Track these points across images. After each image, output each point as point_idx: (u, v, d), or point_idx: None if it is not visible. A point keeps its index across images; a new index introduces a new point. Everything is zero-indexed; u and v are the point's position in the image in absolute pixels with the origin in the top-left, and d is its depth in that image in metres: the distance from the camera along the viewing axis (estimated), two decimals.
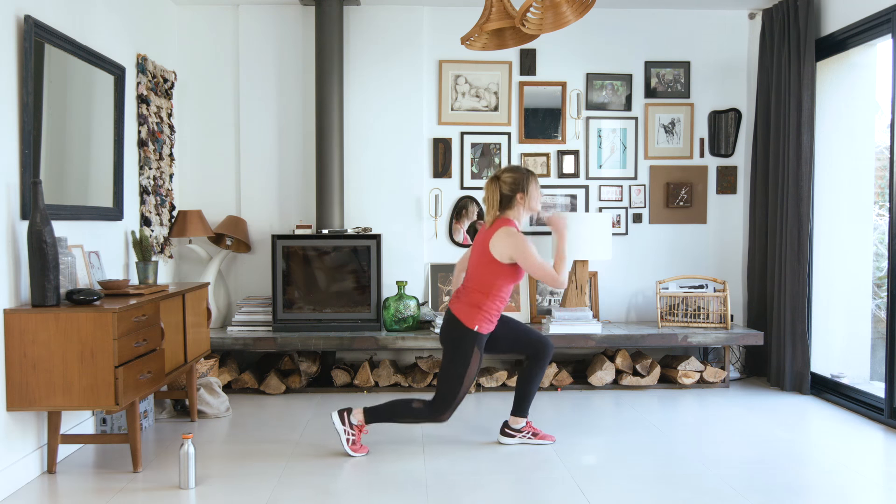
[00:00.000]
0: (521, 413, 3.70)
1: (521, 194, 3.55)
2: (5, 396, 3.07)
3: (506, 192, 3.56)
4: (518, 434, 3.71)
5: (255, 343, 4.64)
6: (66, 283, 3.28)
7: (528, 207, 3.58)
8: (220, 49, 5.15)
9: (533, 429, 3.73)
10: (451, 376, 3.48)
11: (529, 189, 3.56)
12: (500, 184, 3.57)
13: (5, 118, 3.08)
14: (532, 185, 3.58)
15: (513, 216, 3.58)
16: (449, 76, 5.22)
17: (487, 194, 3.61)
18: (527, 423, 3.73)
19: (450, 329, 3.53)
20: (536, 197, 3.60)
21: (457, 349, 3.49)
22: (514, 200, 3.56)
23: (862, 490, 3.11)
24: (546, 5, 3.14)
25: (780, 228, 4.82)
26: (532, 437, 3.71)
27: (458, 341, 3.49)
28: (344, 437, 3.53)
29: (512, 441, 3.71)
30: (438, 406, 3.50)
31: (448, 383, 3.48)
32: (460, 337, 3.49)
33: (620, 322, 5.27)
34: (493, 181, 3.59)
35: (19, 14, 3.16)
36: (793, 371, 4.75)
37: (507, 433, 3.72)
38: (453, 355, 3.50)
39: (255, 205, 5.16)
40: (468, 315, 3.49)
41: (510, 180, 3.56)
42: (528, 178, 3.57)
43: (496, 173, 3.62)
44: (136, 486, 3.14)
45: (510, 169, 3.60)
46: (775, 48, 4.90)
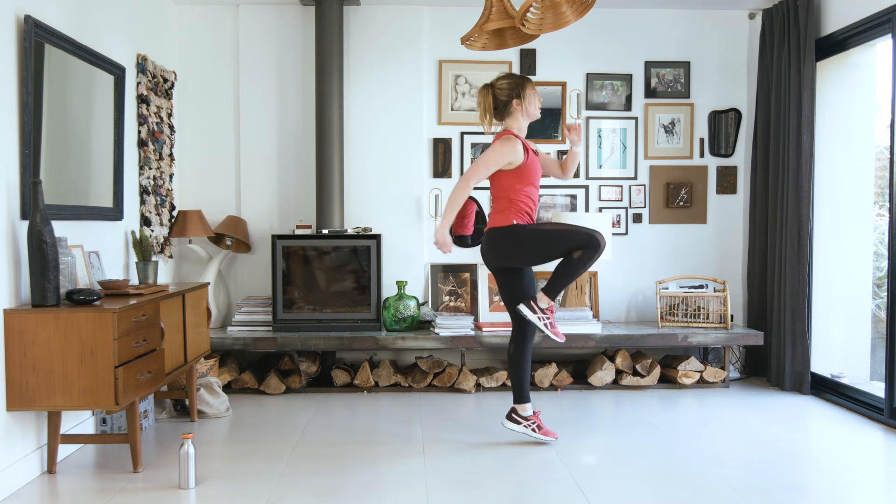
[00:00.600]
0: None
1: (518, 100, 3.51)
2: (5, 396, 3.07)
3: (501, 99, 3.52)
4: (524, 422, 3.66)
5: (255, 343, 4.64)
6: (66, 283, 3.28)
7: (525, 113, 3.55)
8: (220, 49, 5.15)
9: (538, 420, 3.69)
10: (564, 240, 3.40)
11: (525, 93, 3.52)
12: (495, 90, 3.53)
13: (5, 118, 3.08)
14: (528, 89, 3.53)
15: (512, 125, 3.54)
16: (449, 76, 5.22)
17: (480, 100, 3.56)
18: (534, 412, 3.70)
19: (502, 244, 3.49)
20: (534, 102, 3.56)
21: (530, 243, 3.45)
22: (511, 107, 3.52)
23: (862, 490, 3.11)
24: (546, 5, 3.14)
25: (780, 228, 4.82)
26: (536, 430, 3.67)
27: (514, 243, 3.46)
28: (540, 323, 3.54)
29: (516, 428, 3.67)
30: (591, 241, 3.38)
31: (574, 240, 3.39)
32: (516, 238, 3.46)
33: (620, 322, 5.27)
34: (487, 88, 3.55)
35: (19, 14, 3.16)
36: (793, 371, 4.75)
37: (513, 419, 3.68)
38: (535, 248, 3.46)
39: (255, 205, 5.16)
40: (502, 219, 3.50)
41: (505, 86, 3.52)
42: (523, 83, 3.53)
43: (491, 81, 3.58)
44: (136, 486, 3.14)
45: (505, 75, 3.56)
46: (775, 48, 4.90)
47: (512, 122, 3.56)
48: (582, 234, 3.43)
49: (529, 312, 3.56)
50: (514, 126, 3.55)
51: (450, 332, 4.72)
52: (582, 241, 3.43)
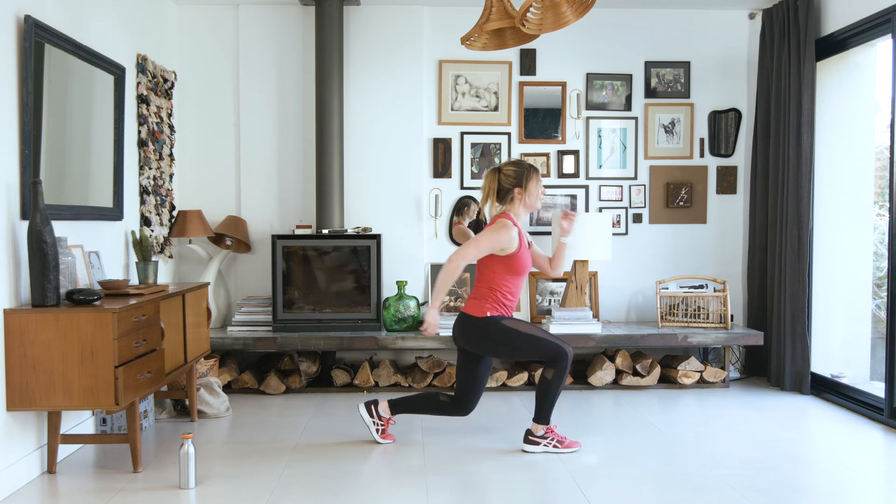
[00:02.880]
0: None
1: (519, 189, 3.52)
2: (5, 396, 3.07)
3: (505, 185, 3.54)
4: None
5: (255, 343, 4.64)
6: (66, 283, 3.28)
7: (525, 204, 3.55)
8: (220, 49, 5.15)
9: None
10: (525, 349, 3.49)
11: (529, 185, 3.53)
12: (501, 175, 3.55)
13: (5, 118, 3.08)
14: (533, 181, 3.53)
15: (511, 211, 3.55)
16: (449, 76, 5.22)
17: (485, 183, 3.58)
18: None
19: (469, 331, 3.52)
20: (536, 194, 3.56)
21: (496, 342, 3.49)
22: (512, 194, 3.53)
23: (862, 490, 3.11)
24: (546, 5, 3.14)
25: (780, 228, 4.82)
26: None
27: (489, 334, 3.49)
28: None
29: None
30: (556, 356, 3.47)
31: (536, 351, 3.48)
32: (482, 329, 3.49)
33: (620, 322, 5.27)
34: (494, 172, 3.57)
35: (19, 14, 3.16)
36: (793, 371, 4.75)
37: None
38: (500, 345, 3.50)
39: (255, 205, 5.16)
40: (476, 307, 3.51)
41: (511, 173, 3.53)
42: (529, 174, 3.53)
43: (499, 165, 3.60)
44: (136, 486, 3.14)
45: (513, 162, 3.58)
46: (775, 48, 4.90)
47: (511, 208, 3.57)
48: (548, 346, 3.48)
49: (535, 447, 3.58)
50: (513, 212, 3.56)
51: (450, 332, 4.72)
52: (546, 354, 3.49)
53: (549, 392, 3.53)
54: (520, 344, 3.49)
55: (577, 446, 3.60)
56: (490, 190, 3.57)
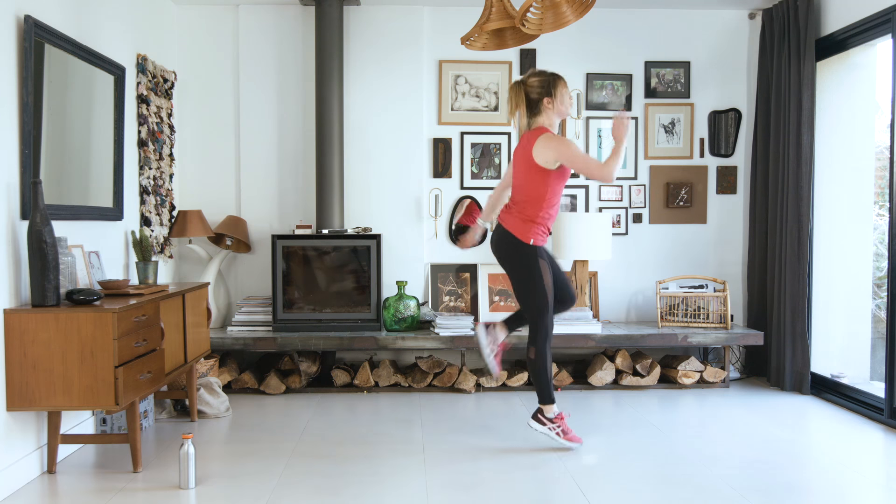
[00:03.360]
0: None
1: (549, 98, 3.48)
2: (5, 396, 3.07)
3: (533, 97, 3.49)
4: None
5: (255, 343, 4.64)
6: (66, 283, 3.28)
7: (557, 111, 3.52)
8: (220, 49, 5.15)
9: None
10: (529, 290, 3.51)
11: (557, 91, 3.48)
12: (527, 88, 3.50)
13: (5, 118, 3.08)
14: (560, 87, 3.49)
15: (544, 122, 3.51)
16: (449, 76, 5.22)
17: (510, 97, 3.53)
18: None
19: (507, 248, 3.52)
20: (566, 100, 3.52)
21: (522, 266, 3.51)
22: (542, 105, 3.49)
23: (862, 490, 3.11)
24: (546, 5, 3.14)
25: (780, 228, 4.82)
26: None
27: (521, 259, 3.50)
28: (552, 433, 3.58)
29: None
30: (537, 321, 3.52)
31: (532, 298, 3.51)
32: (522, 255, 3.50)
33: (620, 322, 5.27)
34: (519, 85, 3.52)
35: (19, 14, 3.16)
36: (793, 371, 4.75)
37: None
38: (522, 273, 3.52)
39: (255, 205, 5.16)
40: (523, 230, 3.49)
41: (536, 83, 3.49)
42: (555, 81, 3.49)
43: (521, 78, 3.55)
44: (136, 486, 3.14)
45: (536, 73, 3.53)
46: (775, 48, 4.90)
47: (544, 120, 3.51)
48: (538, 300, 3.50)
49: (540, 426, 3.59)
50: (547, 123, 3.51)
51: (450, 332, 4.72)
52: (531, 306, 3.52)
53: (539, 370, 3.55)
54: (530, 283, 3.50)
55: (578, 442, 3.61)
56: (518, 102, 3.50)
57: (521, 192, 3.54)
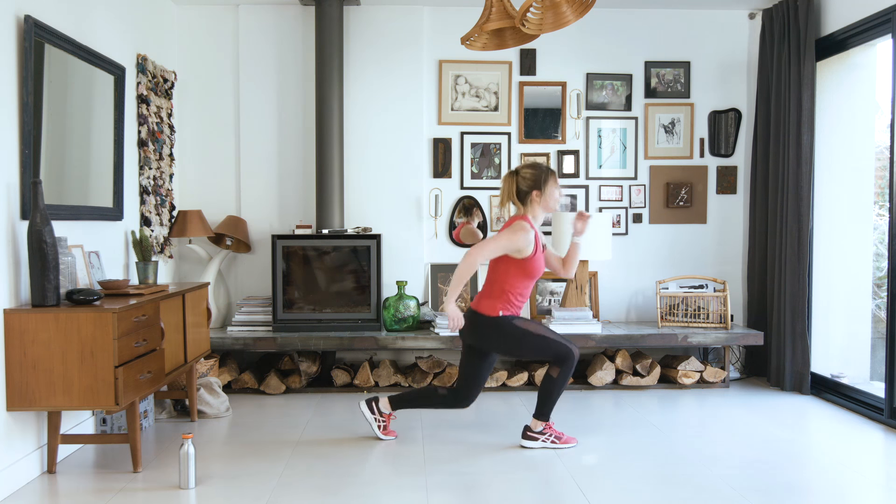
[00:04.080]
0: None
1: (537, 192, 3.54)
2: (5, 396, 3.07)
3: (522, 188, 3.55)
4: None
5: (255, 343, 4.64)
6: (66, 283, 3.28)
7: (543, 206, 3.57)
8: (220, 49, 5.15)
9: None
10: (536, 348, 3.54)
11: (546, 188, 3.54)
12: (518, 178, 3.56)
13: (5, 118, 3.08)
14: (550, 184, 3.55)
15: (529, 213, 3.57)
16: (449, 76, 5.22)
17: (503, 187, 3.62)
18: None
19: (478, 328, 3.55)
20: (554, 197, 3.58)
21: (505, 339, 3.54)
22: (531, 197, 3.54)
23: (862, 490, 3.11)
24: (546, 5, 3.14)
25: (780, 228, 4.82)
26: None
27: (492, 333, 3.54)
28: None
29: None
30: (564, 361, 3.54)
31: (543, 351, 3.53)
32: (494, 328, 3.53)
33: (620, 322, 5.27)
34: (512, 175, 3.59)
35: (19, 14, 3.16)
36: (793, 371, 4.75)
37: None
38: (509, 344, 3.56)
39: (255, 205, 5.16)
40: (488, 306, 3.53)
41: (528, 176, 3.55)
42: (546, 176, 3.55)
43: (517, 168, 3.62)
44: (136, 486, 3.14)
45: (531, 165, 3.60)
46: (775, 48, 4.90)
47: (529, 211, 3.58)
48: (556, 347, 3.54)
49: (533, 443, 3.63)
50: (531, 214, 3.58)
51: (450, 332, 4.72)
52: (554, 354, 3.54)
53: (552, 390, 3.58)
54: (529, 344, 3.55)
55: (574, 442, 3.64)
56: (509, 193, 3.59)
57: (487, 276, 3.63)
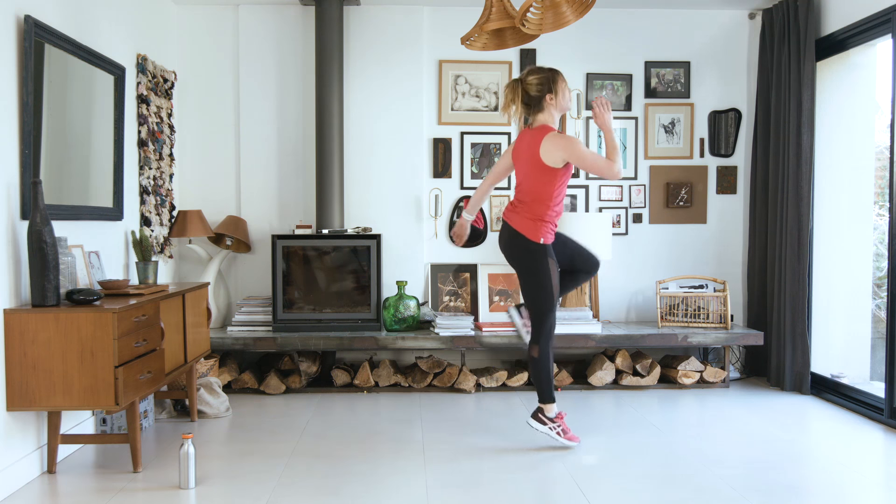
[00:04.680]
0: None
1: (550, 95, 3.48)
2: (5, 396, 3.07)
3: (533, 94, 3.47)
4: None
5: (255, 343, 4.64)
6: (66, 283, 3.28)
7: (558, 107, 3.51)
8: (220, 49, 5.15)
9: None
10: (537, 290, 3.52)
11: (558, 87, 3.48)
12: (525, 85, 3.48)
13: (5, 118, 3.08)
14: (560, 83, 3.49)
15: (547, 120, 3.50)
16: (449, 76, 5.22)
17: (507, 93, 3.51)
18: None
19: (516, 247, 3.52)
20: (566, 94, 3.52)
21: (531, 266, 3.51)
22: (544, 102, 3.47)
23: (862, 490, 3.11)
24: (546, 5, 3.14)
25: (780, 228, 4.82)
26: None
27: (531, 259, 3.51)
28: (552, 433, 3.60)
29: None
30: (542, 320, 3.54)
31: (539, 297, 3.52)
32: (531, 254, 3.50)
33: (620, 322, 5.27)
34: (516, 83, 3.50)
35: (19, 14, 3.16)
36: (793, 371, 4.75)
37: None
38: (531, 273, 3.52)
39: (255, 205, 5.16)
40: (532, 229, 3.49)
41: (536, 81, 3.47)
42: (555, 77, 3.49)
43: (519, 76, 3.53)
44: (136, 486, 3.14)
45: (534, 70, 3.51)
46: (775, 48, 4.90)
47: (546, 118, 3.50)
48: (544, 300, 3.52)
49: (540, 426, 3.60)
50: (549, 121, 3.50)
51: (450, 332, 4.72)
52: (537, 305, 3.53)
53: (541, 369, 3.57)
54: (538, 282, 3.51)
55: (576, 441, 3.63)
56: (514, 99, 3.48)
57: (528, 191, 3.52)
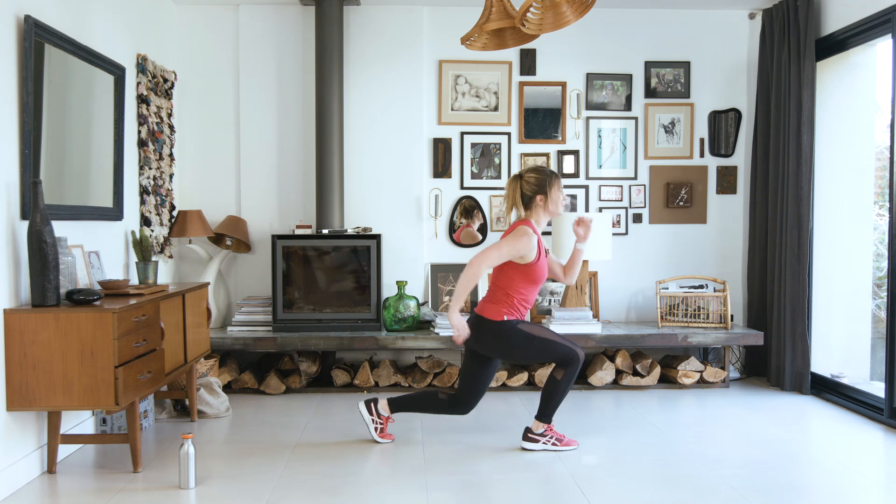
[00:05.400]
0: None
1: (542, 196, 3.53)
2: (5, 396, 3.07)
3: (526, 192, 3.55)
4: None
5: (255, 343, 4.64)
6: (66, 283, 3.28)
7: (548, 210, 3.57)
8: (220, 49, 5.15)
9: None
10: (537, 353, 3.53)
11: (551, 192, 3.54)
12: (523, 183, 3.55)
13: (5, 118, 3.08)
14: (554, 188, 3.55)
15: (532, 217, 3.56)
16: (449, 76, 5.22)
17: (508, 192, 3.60)
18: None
19: (485, 335, 3.53)
20: (558, 201, 3.57)
21: (512, 344, 3.52)
22: (534, 202, 3.54)
23: (862, 490, 3.11)
24: (546, 5, 3.14)
25: (780, 228, 4.82)
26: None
27: (503, 338, 3.51)
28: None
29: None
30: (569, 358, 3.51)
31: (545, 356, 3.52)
32: (500, 334, 3.51)
33: (620, 322, 5.27)
34: (516, 179, 3.58)
35: (19, 14, 3.16)
36: (793, 371, 4.75)
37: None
38: (515, 349, 3.54)
39: (255, 205, 5.16)
40: (493, 311, 3.52)
41: (532, 180, 3.54)
42: (551, 181, 3.54)
43: (520, 171, 3.61)
44: (136, 486, 3.14)
45: (535, 168, 3.59)
46: (775, 48, 4.90)
47: (532, 216, 3.57)
48: (561, 349, 3.52)
49: (534, 445, 3.60)
50: (534, 219, 3.57)
51: (450, 332, 4.72)
52: (560, 357, 3.52)
53: (556, 392, 3.56)
54: (534, 348, 3.53)
55: (574, 444, 3.63)
56: (514, 198, 3.58)
57: (492, 281, 3.61)
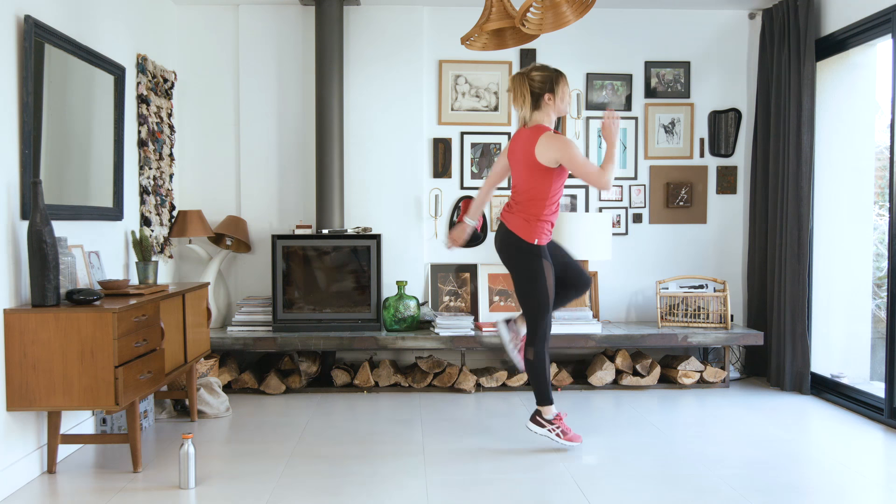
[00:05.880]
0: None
1: (550, 94, 3.46)
2: (5, 396, 3.07)
3: (535, 91, 3.46)
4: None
5: (255, 343, 4.64)
6: (66, 283, 3.28)
7: (556, 109, 3.49)
8: (220, 49, 5.15)
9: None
10: (531, 291, 3.49)
11: (559, 89, 3.46)
12: (529, 81, 3.46)
13: (5, 118, 3.08)
14: (562, 85, 3.47)
15: (543, 120, 3.48)
16: (449, 76, 5.22)
17: (517, 91, 3.48)
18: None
19: (510, 247, 3.50)
20: (566, 98, 3.50)
21: (525, 267, 3.49)
22: (542, 101, 3.46)
23: (862, 490, 3.11)
24: (546, 5, 3.14)
25: (780, 228, 4.82)
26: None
27: (524, 259, 3.49)
28: (552, 434, 3.57)
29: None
30: (537, 322, 3.50)
31: (533, 299, 3.50)
32: (526, 256, 3.48)
33: (620, 322, 5.27)
34: (522, 77, 3.47)
35: (19, 14, 3.16)
36: (793, 371, 4.75)
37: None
38: (524, 273, 3.50)
39: (255, 205, 5.16)
40: (527, 230, 3.47)
41: (539, 78, 3.45)
42: (557, 78, 3.46)
43: (524, 70, 3.51)
44: (136, 486, 3.14)
45: (538, 67, 3.49)
46: (775, 48, 4.90)
47: (542, 117, 3.48)
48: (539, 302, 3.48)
49: (539, 428, 3.59)
50: (545, 121, 3.48)
51: (450, 332, 4.72)
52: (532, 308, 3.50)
53: (538, 371, 3.55)
54: (532, 283, 3.49)
55: (578, 440, 3.61)
56: (525, 95, 3.46)
57: (523, 191, 3.51)
